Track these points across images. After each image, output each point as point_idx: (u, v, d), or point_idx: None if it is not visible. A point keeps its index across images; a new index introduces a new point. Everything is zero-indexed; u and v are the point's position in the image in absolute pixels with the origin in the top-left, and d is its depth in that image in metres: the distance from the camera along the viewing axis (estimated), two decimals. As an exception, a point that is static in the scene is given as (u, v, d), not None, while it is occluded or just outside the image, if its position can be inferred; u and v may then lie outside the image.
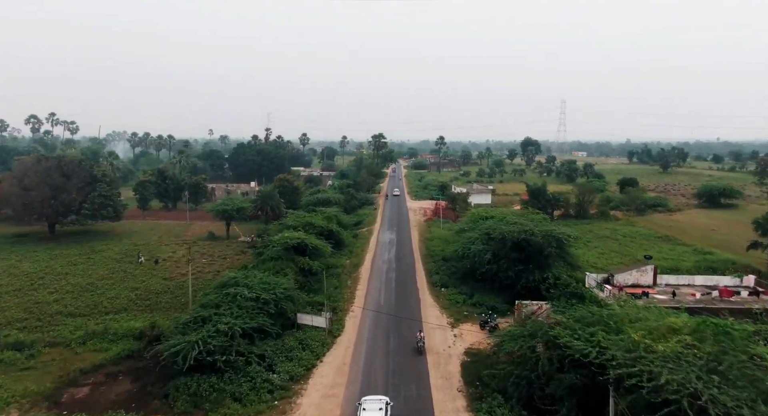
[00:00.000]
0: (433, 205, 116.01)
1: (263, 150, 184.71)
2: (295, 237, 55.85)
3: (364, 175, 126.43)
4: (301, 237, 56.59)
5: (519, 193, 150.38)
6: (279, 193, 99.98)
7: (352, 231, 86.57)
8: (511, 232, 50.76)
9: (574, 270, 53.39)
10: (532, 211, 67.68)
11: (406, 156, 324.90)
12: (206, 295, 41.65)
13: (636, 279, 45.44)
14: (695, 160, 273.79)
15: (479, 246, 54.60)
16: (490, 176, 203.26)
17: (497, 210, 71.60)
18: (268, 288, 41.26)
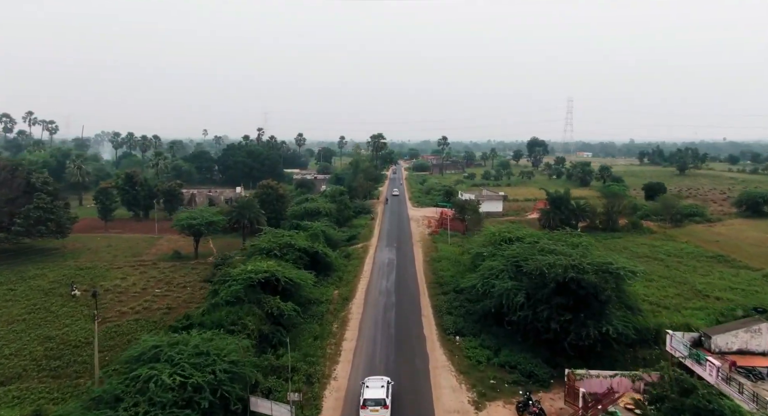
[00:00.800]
0: (439, 215, 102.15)
1: (254, 151, 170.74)
2: (261, 271, 41.82)
3: (361, 180, 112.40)
4: (271, 270, 42.58)
5: (531, 198, 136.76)
6: (262, 201, 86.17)
7: (344, 249, 72.57)
8: (553, 268, 36.69)
9: (634, 314, 39.42)
10: (570, 233, 53.41)
11: (407, 157, 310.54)
12: (109, 377, 27.70)
13: (744, 343, 31.29)
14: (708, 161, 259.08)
15: (506, 283, 40.43)
16: (496, 179, 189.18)
17: (522, 229, 57.48)
18: (204, 363, 27.28)
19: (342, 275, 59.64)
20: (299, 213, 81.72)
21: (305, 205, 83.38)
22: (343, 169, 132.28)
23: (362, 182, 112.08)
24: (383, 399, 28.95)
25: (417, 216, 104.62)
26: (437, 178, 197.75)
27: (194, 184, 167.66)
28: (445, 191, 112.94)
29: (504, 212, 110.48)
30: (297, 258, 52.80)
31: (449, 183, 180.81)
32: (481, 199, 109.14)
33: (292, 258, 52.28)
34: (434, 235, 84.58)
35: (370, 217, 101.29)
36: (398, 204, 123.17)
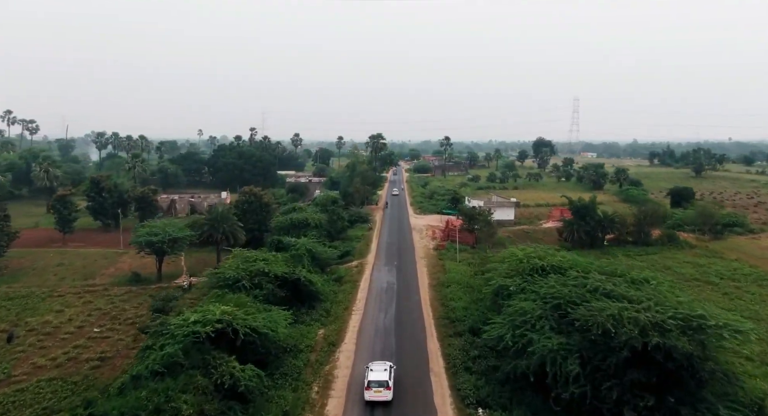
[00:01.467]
0: (444, 224, 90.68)
1: (245, 152, 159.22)
2: (212, 321, 30.24)
3: (357, 185, 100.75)
4: (227, 319, 31.03)
5: (542, 203, 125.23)
6: (243, 210, 74.69)
7: (336, 269, 60.98)
8: (622, 325, 25.08)
9: (730, 384, 27.80)
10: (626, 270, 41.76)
11: (408, 158, 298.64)
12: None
13: None
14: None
15: (550, 340, 28.73)
16: (502, 181, 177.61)
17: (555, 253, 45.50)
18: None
19: (330, 307, 48.02)
20: (285, 226, 70.20)
21: (292, 215, 71.77)
22: (340, 172, 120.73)
23: (359, 187, 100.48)
24: (386, 382, 30.36)
25: (420, 226, 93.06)
26: (439, 181, 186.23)
27: (181, 188, 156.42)
28: (451, 197, 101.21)
29: (516, 220, 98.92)
30: (270, 292, 41.19)
31: (453, 186, 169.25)
32: (491, 206, 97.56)
33: (264, 292, 40.71)
34: (440, 250, 73.02)
35: (368, 227, 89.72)
36: (398, 210, 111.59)
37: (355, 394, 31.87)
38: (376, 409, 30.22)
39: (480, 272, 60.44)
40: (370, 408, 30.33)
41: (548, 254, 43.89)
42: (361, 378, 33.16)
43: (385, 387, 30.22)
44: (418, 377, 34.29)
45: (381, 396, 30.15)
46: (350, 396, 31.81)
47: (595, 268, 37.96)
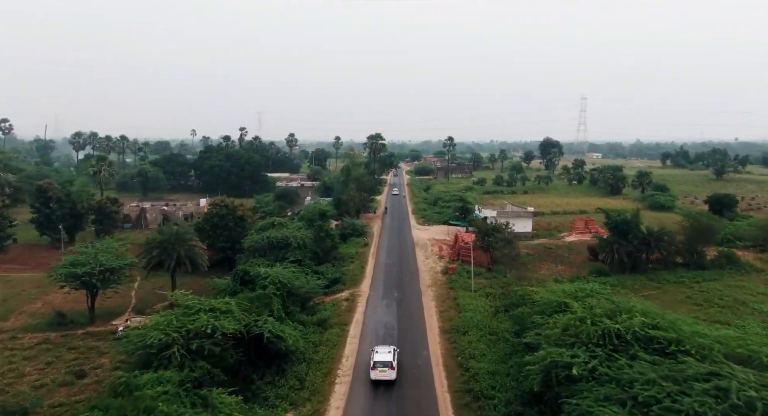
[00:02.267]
0: (453, 238, 77.24)
1: (233, 154, 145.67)
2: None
3: (352, 193, 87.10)
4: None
5: (558, 211, 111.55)
6: (213, 225, 61.24)
7: (319, 307, 47.44)
8: None
9: None
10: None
11: (408, 159, 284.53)
12: None
13: None
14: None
15: None
16: (509, 184, 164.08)
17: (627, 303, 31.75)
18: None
19: (306, 371, 34.32)
20: (260, 246, 56.66)
21: (270, 233, 58.13)
22: (333, 177, 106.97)
23: (354, 195, 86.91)
24: (390, 362, 32.75)
25: (423, 240, 79.55)
26: (443, 184, 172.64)
27: (163, 192, 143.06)
28: (460, 207, 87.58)
29: (534, 233, 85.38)
30: (208, 372, 27.70)
31: (457, 189, 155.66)
32: (505, 216, 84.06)
33: (201, 371, 27.24)
34: (450, 274, 59.49)
35: (364, 242, 76.17)
36: (399, 220, 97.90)
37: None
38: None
39: (503, 308, 47.18)
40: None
41: (620, 306, 29.98)
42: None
43: (389, 367, 32.34)
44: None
45: (385, 376, 32.23)
46: None
47: (720, 344, 23.97)
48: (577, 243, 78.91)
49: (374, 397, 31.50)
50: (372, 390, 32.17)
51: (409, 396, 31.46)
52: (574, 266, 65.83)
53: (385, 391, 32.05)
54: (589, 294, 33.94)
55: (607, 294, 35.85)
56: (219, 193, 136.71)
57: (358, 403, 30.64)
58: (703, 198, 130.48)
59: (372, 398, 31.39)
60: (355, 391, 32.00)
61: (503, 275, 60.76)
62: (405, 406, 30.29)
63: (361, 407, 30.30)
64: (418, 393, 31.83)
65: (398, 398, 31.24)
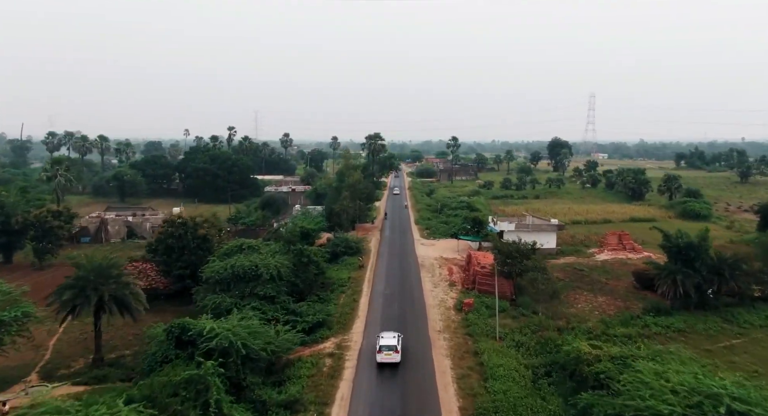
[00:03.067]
0: (464, 257, 64.14)
1: (218, 156, 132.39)
2: None
3: (345, 202, 73.66)
4: None
5: (579, 220, 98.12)
6: (167, 248, 48.12)
7: (292, 376, 34.04)
8: None
9: None
10: None
11: (409, 160, 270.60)
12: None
13: None
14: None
15: None
16: (518, 188, 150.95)
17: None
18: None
19: None
20: (223, 277, 43.38)
21: (236, 260, 44.79)
22: (326, 183, 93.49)
23: (348, 205, 73.55)
24: (395, 346, 34.79)
25: (430, 259, 66.37)
26: (446, 187, 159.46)
27: (143, 197, 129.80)
28: (473, 219, 74.10)
29: (558, 248, 72.08)
30: None
31: (463, 194, 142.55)
32: (524, 229, 70.84)
33: None
34: (466, 311, 46.31)
35: (358, 263, 62.92)
36: (401, 233, 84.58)
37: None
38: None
39: (543, 370, 34.19)
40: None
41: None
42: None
43: (394, 350, 34.45)
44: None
45: (390, 359, 34.31)
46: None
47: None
48: (612, 263, 65.65)
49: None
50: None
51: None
52: (618, 296, 52.58)
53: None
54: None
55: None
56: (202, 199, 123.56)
57: None
58: (737, 204, 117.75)
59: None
60: None
61: (532, 311, 47.63)
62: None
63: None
64: None
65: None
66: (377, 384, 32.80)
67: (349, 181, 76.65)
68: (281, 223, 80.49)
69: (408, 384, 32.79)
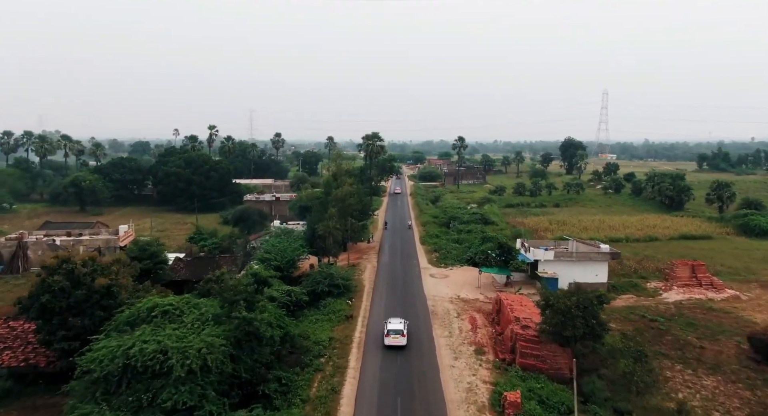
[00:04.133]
0: (491, 299, 46.42)
1: (194, 159, 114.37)
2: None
3: (332, 224, 55.22)
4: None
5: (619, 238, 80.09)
6: (42, 307, 30.01)
7: None
8: None
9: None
10: None
11: (411, 162, 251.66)
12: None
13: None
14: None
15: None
16: (533, 194, 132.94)
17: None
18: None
19: None
20: (111, 374, 25.40)
21: (135, 338, 26.87)
22: (311, 194, 74.90)
23: (334, 227, 55.35)
24: (401, 330, 37.52)
25: (443, 301, 48.44)
26: (453, 192, 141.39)
27: (106, 207, 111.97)
28: (498, 245, 55.65)
29: (610, 281, 53.98)
30: None
31: (473, 201, 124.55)
32: (567, 259, 52.87)
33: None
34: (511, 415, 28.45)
35: (345, 313, 44.94)
36: (403, 256, 66.60)
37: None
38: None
39: None
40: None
41: None
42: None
43: (401, 334, 37.25)
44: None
45: (397, 342, 36.99)
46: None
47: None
48: (691, 308, 47.75)
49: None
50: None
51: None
52: (731, 375, 34.74)
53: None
54: None
55: None
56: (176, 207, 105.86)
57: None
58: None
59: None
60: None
61: (613, 409, 29.80)
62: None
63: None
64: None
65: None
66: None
67: (338, 194, 58.55)
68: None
69: None
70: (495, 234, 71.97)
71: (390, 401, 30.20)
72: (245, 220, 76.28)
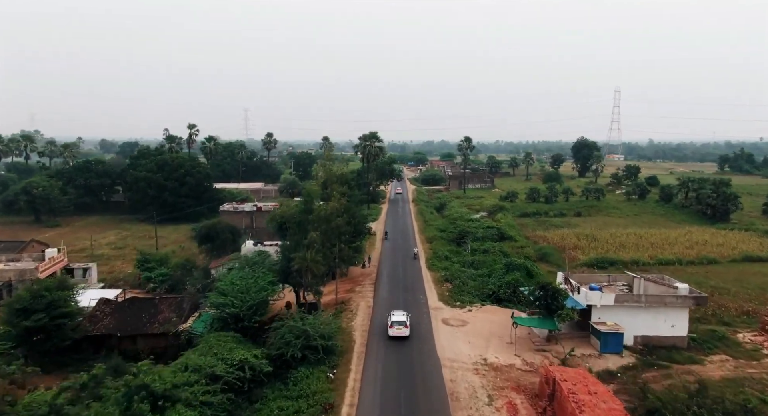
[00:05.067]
0: (534, 367, 31.59)
1: (167, 162, 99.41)
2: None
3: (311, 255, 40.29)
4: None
5: (669, 259, 65.29)
6: None
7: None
8: None
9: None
10: None
11: (412, 163, 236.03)
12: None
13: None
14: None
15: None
16: (548, 201, 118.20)
17: None
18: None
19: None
20: None
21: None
22: (282, 212, 59.59)
23: (315, 261, 40.31)
24: (404, 322, 38.10)
25: (464, 368, 33.54)
26: (458, 197, 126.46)
27: (64, 217, 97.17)
28: (540, 287, 40.42)
29: (690, 334, 38.99)
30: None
31: (483, 207, 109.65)
32: (634, 303, 37.92)
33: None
34: None
35: (325, 397, 29.96)
36: (406, 290, 51.51)
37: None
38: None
39: None
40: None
41: None
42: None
43: (404, 326, 37.83)
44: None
45: (401, 333, 37.59)
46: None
47: None
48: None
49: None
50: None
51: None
52: None
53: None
54: None
55: None
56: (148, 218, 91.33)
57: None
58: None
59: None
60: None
61: None
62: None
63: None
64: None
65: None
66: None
67: (321, 211, 43.57)
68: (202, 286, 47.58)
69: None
70: (520, 259, 57.00)
71: None
72: (213, 237, 61.36)
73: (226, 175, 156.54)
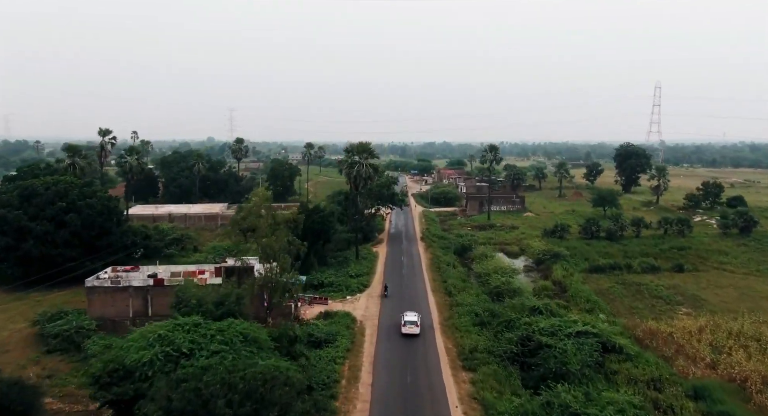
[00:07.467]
0: None
1: (36, 191, 61.09)
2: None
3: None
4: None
5: None
6: None
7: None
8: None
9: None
10: None
11: (415, 172, 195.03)
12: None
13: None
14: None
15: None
16: (610, 237, 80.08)
17: None
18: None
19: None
20: None
21: None
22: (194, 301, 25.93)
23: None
24: (415, 321, 41.05)
25: None
26: (482, 227, 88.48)
27: None
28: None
29: None
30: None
31: (529, 251, 72.15)
32: None
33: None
34: None
35: None
36: None
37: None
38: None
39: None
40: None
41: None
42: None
43: (415, 324, 40.78)
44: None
45: (413, 331, 40.28)
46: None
47: None
48: None
49: None
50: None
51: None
52: None
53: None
54: None
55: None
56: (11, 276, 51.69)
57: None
58: None
59: None
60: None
61: None
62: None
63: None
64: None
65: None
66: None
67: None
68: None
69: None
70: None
71: None
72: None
73: (184, 193, 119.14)
